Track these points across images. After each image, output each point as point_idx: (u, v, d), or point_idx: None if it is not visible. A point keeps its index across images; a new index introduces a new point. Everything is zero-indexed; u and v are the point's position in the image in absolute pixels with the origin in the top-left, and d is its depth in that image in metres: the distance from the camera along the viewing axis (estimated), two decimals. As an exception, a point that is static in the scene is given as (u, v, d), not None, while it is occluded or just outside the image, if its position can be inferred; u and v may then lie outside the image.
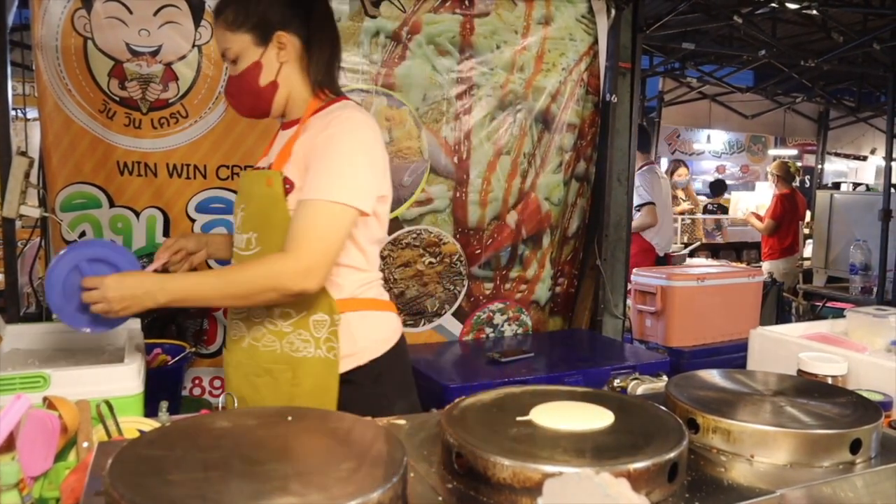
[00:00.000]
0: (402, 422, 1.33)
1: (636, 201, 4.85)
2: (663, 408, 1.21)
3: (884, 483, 1.15)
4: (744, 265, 6.85)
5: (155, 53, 2.69)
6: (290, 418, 1.13)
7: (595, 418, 1.14)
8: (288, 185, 1.65)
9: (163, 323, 2.80)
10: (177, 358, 2.48)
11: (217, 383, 3.08)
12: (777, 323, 5.25)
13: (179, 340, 2.88)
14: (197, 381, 3.08)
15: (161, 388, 2.36)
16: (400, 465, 0.95)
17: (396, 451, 1.00)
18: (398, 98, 3.03)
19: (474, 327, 3.37)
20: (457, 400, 1.27)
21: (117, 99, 2.70)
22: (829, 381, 1.56)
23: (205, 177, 2.84)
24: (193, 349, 2.77)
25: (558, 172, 3.37)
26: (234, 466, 0.95)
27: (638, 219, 4.78)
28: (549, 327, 3.57)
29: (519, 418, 1.15)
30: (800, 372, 1.60)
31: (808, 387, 1.37)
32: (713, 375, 1.43)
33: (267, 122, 2.84)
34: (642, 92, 7.81)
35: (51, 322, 2.73)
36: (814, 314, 5.63)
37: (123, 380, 1.68)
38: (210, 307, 3.02)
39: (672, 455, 1.01)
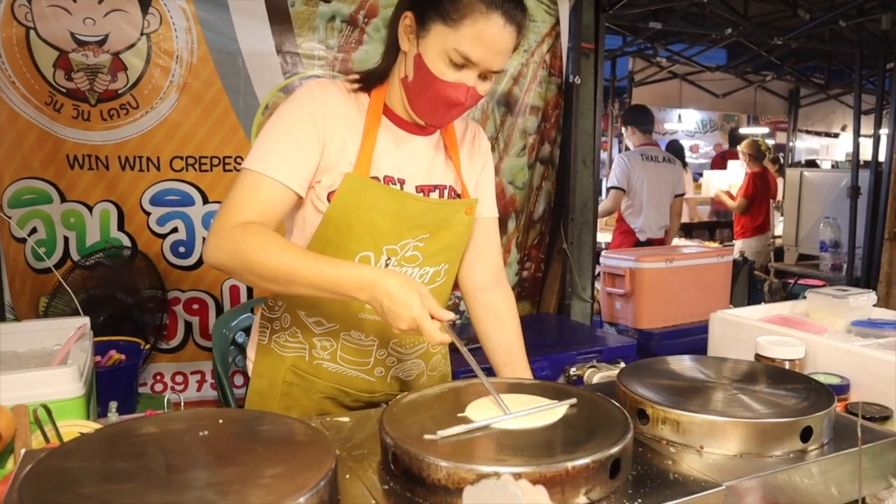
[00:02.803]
0: (345, 419, 1.29)
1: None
2: (612, 400, 1.17)
3: (837, 469, 1.12)
4: (716, 244, 6.86)
5: (101, 43, 2.61)
6: (221, 421, 1.09)
7: (539, 413, 1.10)
8: None
9: (118, 319, 2.73)
10: (132, 357, 2.42)
11: (179, 378, 3.03)
12: (749, 302, 5.26)
13: (139, 336, 2.82)
14: (158, 377, 3.02)
15: (115, 387, 2.31)
16: (327, 469, 0.91)
17: (325, 454, 0.96)
18: (356, 84, 2.96)
19: (441, 315, 3.33)
20: (399, 395, 1.23)
21: (64, 90, 2.62)
22: (787, 364, 1.54)
23: (158, 169, 2.77)
24: (148, 346, 2.71)
25: (522, 156, 3.33)
26: (152, 476, 0.91)
27: (602, 203, 4.76)
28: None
29: (460, 415, 1.11)
30: (757, 356, 1.57)
31: (762, 373, 1.34)
32: (667, 363, 1.40)
33: (219, 113, 2.80)
34: (613, 72, 7.78)
35: (-2, 322, 2.66)
36: (785, 292, 5.64)
37: (63, 383, 1.62)
38: (169, 303, 2.97)
39: (614, 451, 0.97)
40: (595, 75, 3.50)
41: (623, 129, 5.07)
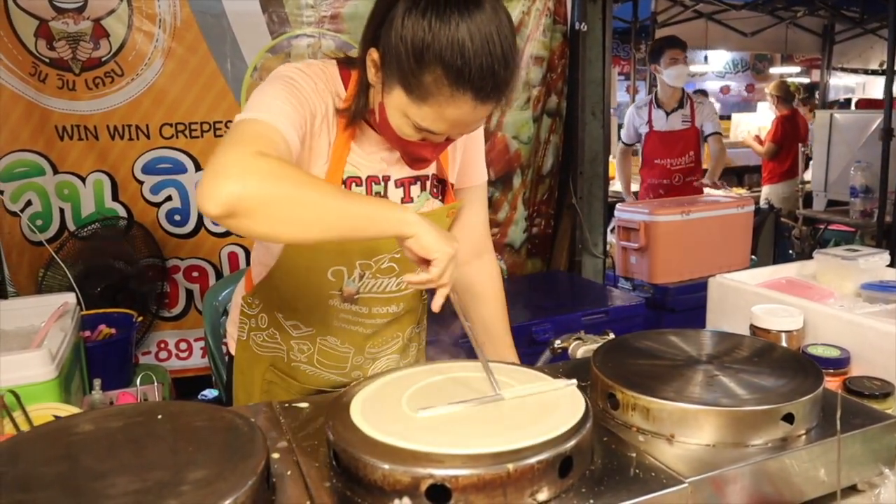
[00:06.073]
0: (304, 404, 1.23)
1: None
2: (577, 388, 1.09)
3: (822, 458, 1.04)
4: (744, 190, 6.67)
5: (81, 9, 2.54)
6: (160, 416, 1.03)
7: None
8: None
9: (116, 289, 2.71)
10: (125, 330, 2.39)
11: (183, 346, 3.02)
12: (775, 251, 5.09)
13: (141, 305, 2.79)
14: (163, 346, 3.01)
15: (108, 361, 2.29)
16: (249, 479, 0.85)
17: (254, 456, 0.90)
18: (347, 41, 2.85)
19: (446, 276, 3.26)
20: (354, 383, 1.16)
21: (47, 60, 2.57)
22: (783, 336, 1.44)
23: (148, 137, 2.72)
24: (141, 318, 2.67)
25: (526, 109, 3.20)
26: (70, 483, 0.86)
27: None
28: (527, 270, 3.46)
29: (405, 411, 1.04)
30: (752, 327, 1.48)
31: (749, 350, 1.25)
32: (648, 338, 1.31)
33: (206, 77, 2.72)
34: (635, 14, 7.50)
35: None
36: (814, 239, 5.46)
37: (34, 367, 1.59)
38: (169, 271, 2.94)
39: (564, 447, 0.90)
40: (603, 20, 3.32)
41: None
